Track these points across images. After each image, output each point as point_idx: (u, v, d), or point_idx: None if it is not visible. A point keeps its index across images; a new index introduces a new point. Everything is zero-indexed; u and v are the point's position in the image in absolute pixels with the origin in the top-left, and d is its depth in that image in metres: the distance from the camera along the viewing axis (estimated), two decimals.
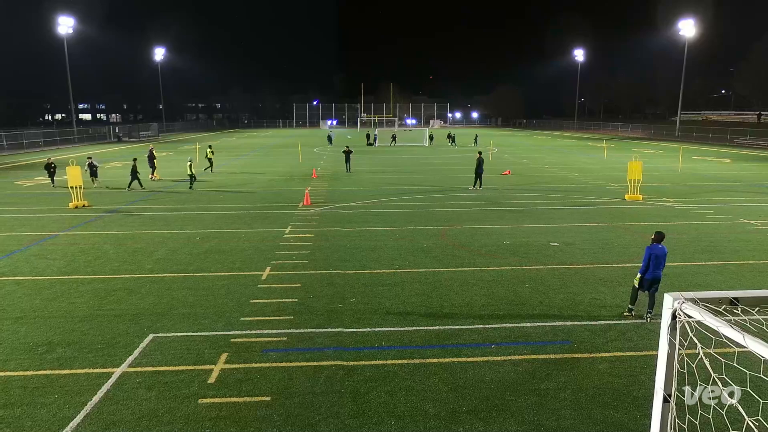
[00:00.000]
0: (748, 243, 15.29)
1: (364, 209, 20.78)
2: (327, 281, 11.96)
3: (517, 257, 13.88)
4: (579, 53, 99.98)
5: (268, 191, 25.67)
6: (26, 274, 12.56)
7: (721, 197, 23.29)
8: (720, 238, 15.92)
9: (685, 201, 22.23)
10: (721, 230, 16.91)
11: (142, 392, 7.29)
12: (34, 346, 8.68)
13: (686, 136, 70.32)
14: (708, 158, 43.06)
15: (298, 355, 8.39)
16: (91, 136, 69.26)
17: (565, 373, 7.81)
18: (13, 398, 7.16)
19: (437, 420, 6.68)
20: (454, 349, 8.61)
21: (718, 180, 29.28)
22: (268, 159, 43.98)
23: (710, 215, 19.24)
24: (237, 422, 6.61)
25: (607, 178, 30.05)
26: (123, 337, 9.03)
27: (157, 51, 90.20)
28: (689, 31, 68.06)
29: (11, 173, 33.37)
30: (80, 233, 16.79)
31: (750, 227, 17.30)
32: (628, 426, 6.55)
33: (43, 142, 58.51)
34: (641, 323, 9.55)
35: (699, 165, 37.60)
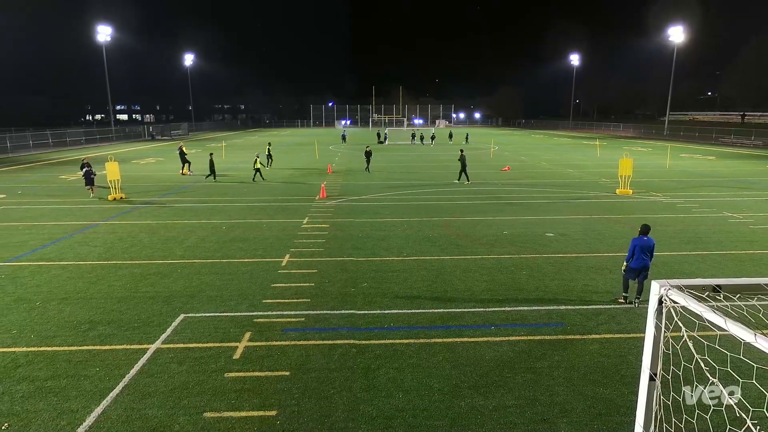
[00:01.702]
0: (730, 234, 15.09)
1: (376, 202, 20.77)
2: (341, 267, 12.00)
3: (515, 246, 13.82)
4: (575, 58, 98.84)
5: (288, 185, 25.73)
6: (70, 259, 12.73)
7: (706, 192, 22.98)
8: (704, 229, 15.72)
9: (672, 195, 21.96)
10: (706, 223, 16.69)
11: (174, 366, 7.39)
12: (77, 324, 8.82)
13: (674, 135, 69.29)
14: (694, 156, 42.44)
15: (315, 334, 8.44)
16: (127, 134, 69.79)
17: (558, 353, 7.79)
18: (59, 370, 7.29)
19: (441, 394, 6.70)
20: (457, 330, 8.62)
21: (703, 176, 28.87)
22: (288, 156, 44.03)
23: (695, 209, 19.00)
24: (259, 394, 6.68)
25: (599, 174, 29.75)
26: (157, 316, 9.15)
27: (186, 57, 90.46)
28: (678, 37, 66.89)
29: (56, 168, 33.78)
30: (118, 223, 16.98)
31: (732, 220, 17.06)
32: (616, 402, 6.53)
33: (85, 140, 59.08)
34: (630, 308, 9.48)
35: (686, 162, 37.07)
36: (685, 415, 3.77)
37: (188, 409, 6.35)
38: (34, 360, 7.58)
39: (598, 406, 6.43)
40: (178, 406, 6.40)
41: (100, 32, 61.97)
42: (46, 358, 7.65)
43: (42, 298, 10.05)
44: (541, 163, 36.81)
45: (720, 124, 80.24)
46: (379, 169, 32.15)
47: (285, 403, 6.47)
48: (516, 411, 6.32)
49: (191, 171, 30.35)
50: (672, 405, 3.61)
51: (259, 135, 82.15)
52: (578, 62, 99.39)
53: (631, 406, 6.21)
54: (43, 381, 7.00)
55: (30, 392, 6.73)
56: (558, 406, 6.44)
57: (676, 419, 3.73)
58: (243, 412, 6.27)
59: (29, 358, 7.65)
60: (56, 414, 6.26)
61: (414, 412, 6.32)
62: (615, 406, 6.43)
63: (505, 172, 31.10)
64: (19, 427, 6.02)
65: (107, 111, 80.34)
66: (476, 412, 6.32)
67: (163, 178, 28.35)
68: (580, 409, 6.36)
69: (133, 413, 6.27)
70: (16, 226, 16.25)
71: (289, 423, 6.08)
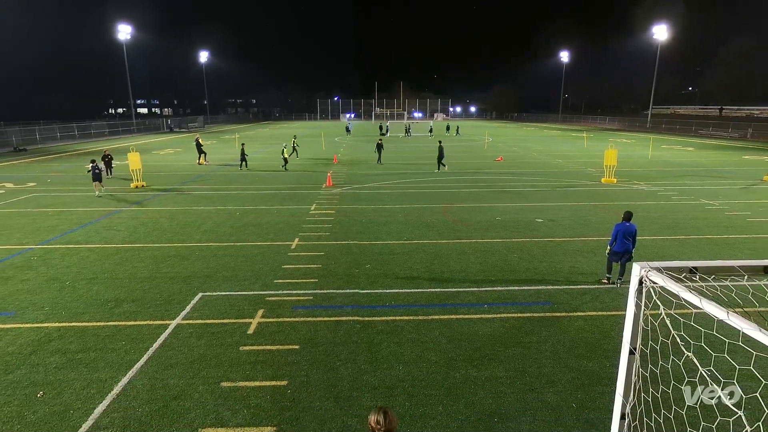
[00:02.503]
0: (706, 220, 15.05)
1: (378, 190, 20.73)
2: (346, 250, 12.03)
3: (507, 231, 13.81)
4: (564, 55, 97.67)
5: (297, 174, 25.68)
6: (97, 242, 12.79)
7: (685, 181, 22.86)
8: (683, 216, 15.67)
9: (653, 184, 21.86)
10: (684, 209, 16.64)
11: (194, 340, 7.46)
12: (104, 302, 8.89)
13: (656, 128, 68.73)
14: (674, 147, 42.13)
15: (322, 311, 8.50)
16: (147, 127, 69.52)
17: (546, 329, 7.83)
18: (88, 344, 7.37)
19: (438, 366, 6.76)
20: (453, 308, 8.65)
21: (683, 166, 28.69)
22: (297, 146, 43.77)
23: (675, 196, 18.93)
24: (272, 366, 6.75)
25: (586, 164, 29.59)
26: (177, 295, 9.21)
27: (201, 54, 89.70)
28: (662, 35, 65.96)
29: (83, 158, 33.74)
30: (140, 209, 17.01)
31: (709, 207, 17.00)
32: (599, 373, 6.58)
33: (108, 132, 58.92)
34: (612, 288, 9.51)
35: (666, 153, 36.81)
36: (661, 386, 3.80)
37: (207, 379, 6.43)
38: (65, 334, 7.67)
39: (581, 377, 6.49)
40: (197, 376, 6.48)
41: (120, 31, 61.41)
42: (77, 332, 7.74)
43: (72, 278, 10.12)
44: (532, 154, 36.60)
45: (699, 117, 79.49)
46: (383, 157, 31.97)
47: (295, 374, 6.54)
48: (506, 381, 6.38)
49: (207, 161, 30.29)
50: (649, 377, 3.64)
51: (270, 128, 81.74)
52: (567, 59, 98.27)
53: (612, 377, 6.26)
54: (74, 353, 7.08)
55: (62, 364, 6.82)
56: (545, 377, 6.49)
57: (653, 389, 3.77)
58: (257, 382, 6.34)
59: (61, 332, 7.74)
60: (86, 383, 6.35)
61: (413, 382, 6.38)
62: (597, 377, 6.48)
63: (498, 162, 30.94)
64: (53, 395, 6.11)
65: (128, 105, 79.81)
66: (470, 382, 6.38)
67: (180, 168, 28.31)
68: (565, 380, 6.42)
69: (157, 382, 6.35)
70: (46, 212, 16.29)
71: (298, 392, 6.15)
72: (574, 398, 6.04)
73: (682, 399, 3.96)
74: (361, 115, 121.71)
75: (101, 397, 6.04)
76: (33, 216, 15.77)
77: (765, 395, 5.38)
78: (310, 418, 5.66)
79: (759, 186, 21.39)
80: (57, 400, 5.98)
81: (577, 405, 5.90)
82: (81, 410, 5.79)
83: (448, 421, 5.61)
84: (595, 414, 5.71)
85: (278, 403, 5.93)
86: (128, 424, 5.55)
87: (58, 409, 5.81)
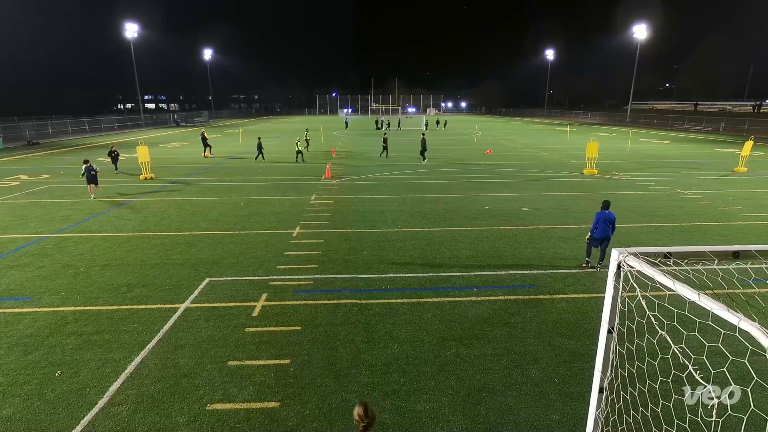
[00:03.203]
0: (681, 209, 15.15)
1: (374, 181, 20.68)
2: (344, 238, 12.03)
3: (495, 219, 13.85)
4: (550, 53, 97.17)
5: (297, 166, 25.55)
6: (109, 231, 12.72)
7: (662, 172, 22.95)
8: (659, 204, 15.77)
9: (632, 175, 21.93)
10: (660, 198, 16.73)
11: (202, 323, 7.48)
12: (117, 287, 8.87)
13: (635, 122, 68.77)
14: (652, 140, 42.21)
15: (322, 294, 8.52)
16: (155, 121, 68.80)
17: (530, 310, 7.90)
18: (103, 326, 7.37)
19: (430, 345, 6.82)
20: (444, 291, 8.70)
21: (660, 158, 28.78)
22: None
23: (652, 186, 19.01)
24: (275, 346, 6.78)
25: (569, 156, 29.62)
26: (185, 280, 9.20)
27: (206, 51, 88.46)
28: (642, 34, 65.65)
29: (94, 152, 33.38)
30: (149, 199, 16.90)
31: (683, 196, 17.10)
32: (579, 351, 6.66)
33: (117, 126, 58.27)
34: (593, 272, 9.58)
35: (644, 146, 36.89)
36: (637, 362, 3.86)
37: (214, 358, 6.45)
38: (80, 318, 7.66)
39: (563, 355, 6.56)
40: (205, 356, 6.50)
41: (128, 29, 60.37)
42: (91, 316, 7.73)
43: (85, 264, 10.08)
44: (518, 146, 36.57)
45: (676, 112, 79.63)
46: (375, 152, 31.91)
47: (297, 353, 6.58)
48: (494, 359, 6.45)
49: (212, 154, 30.05)
50: (626, 353, 3.69)
51: (272, 122, 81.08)
52: (553, 57, 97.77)
53: (592, 354, 6.35)
54: (89, 335, 7.08)
55: (78, 345, 6.82)
56: (530, 354, 6.57)
57: (629, 365, 3.83)
58: (261, 361, 6.38)
59: (76, 316, 7.73)
60: (101, 363, 6.36)
61: (407, 360, 6.44)
62: (578, 355, 6.56)
63: (487, 155, 30.91)
64: (71, 373, 6.12)
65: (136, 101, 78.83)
66: (460, 360, 6.44)
67: (187, 160, 28.09)
68: (548, 357, 6.49)
69: (168, 362, 6.38)
70: (60, 203, 16.16)
71: (300, 369, 6.20)
72: (557, 374, 6.12)
73: (655, 373, 4.03)
74: (358, 110, 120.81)
75: (116, 375, 6.06)
76: (47, 206, 15.63)
77: (731, 370, 5.47)
78: (311, 393, 5.70)
79: (730, 177, 21.51)
80: (74, 379, 6.00)
81: (559, 380, 5.98)
82: (97, 388, 5.82)
83: (439, 395, 5.67)
84: (576, 388, 5.80)
85: (282, 380, 5.97)
86: (141, 400, 5.58)
87: (76, 387, 5.83)
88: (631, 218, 13.87)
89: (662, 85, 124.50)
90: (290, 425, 5.17)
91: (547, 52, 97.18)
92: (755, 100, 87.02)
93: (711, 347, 3.36)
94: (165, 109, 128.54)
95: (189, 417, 5.29)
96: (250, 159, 28.44)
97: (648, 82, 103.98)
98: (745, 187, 18.86)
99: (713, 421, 4.65)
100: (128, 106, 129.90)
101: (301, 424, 5.18)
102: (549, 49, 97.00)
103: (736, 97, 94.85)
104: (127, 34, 60.48)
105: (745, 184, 19.57)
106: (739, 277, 7.66)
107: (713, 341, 2.96)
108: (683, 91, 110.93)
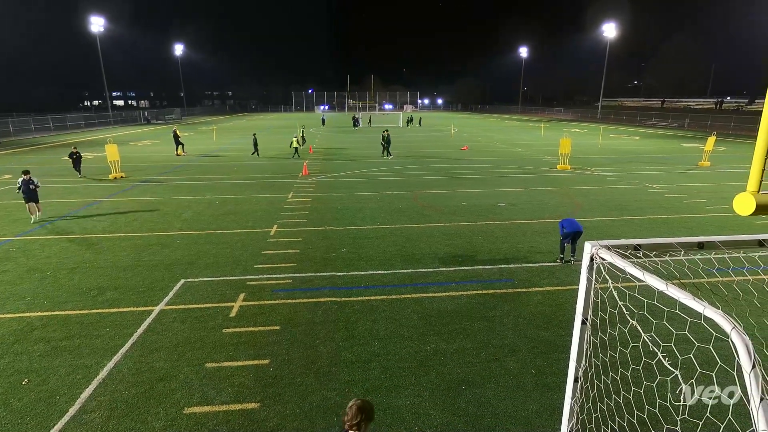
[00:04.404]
0: (649, 202, 15.67)
1: (352, 178, 20.62)
2: (322, 236, 11.96)
3: (472, 215, 14.02)
4: (524, 51, 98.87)
5: (274, 164, 25.21)
6: (77, 232, 12.26)
7: (631, 166, 23.69)
8: (628, 198, 16.27)
9: (603, 170, 22.56)
10: (630, 192, 17.27)
11: (177, 325, 7.31)
12: (87, 291, 8.58)
13: (606, 118, 70.70)
14: (622, 136, 43.49)
15: (301, 293, 8.46)
16: (124, 119, 66.58)
17: (508, 304, 8.04)
18: (72, 331, 7.11)
19: (410, 341, 6.86)
20: (423, 287, 8.76)
21: (629, 153, 29.69)
22: (273, 137, 42.95)
23: (622, 181, 19.61)
24: (254, 346, 6.70)
25: (543, 152, 30.21)
26: (159, 282, 8.97)
27: (178, 47, 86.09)
28: (611, 33, 67.49)
29: (59, 150, 32.08)
30: (120, 199, 16.37)
31: (651, 190, 17.70)
32: (555, 342, 6.83)
33: (84, 124, 56.11)
34: (567, 265, 9.82)
35: (615, 141, 37.98)
36: (609, 351, 3.99)
37: (191, 360, 6.32)
38: (48, 323, 7.37)
39: (540, 346, 6.71)
40: (182, 359, 6.36)
41: (93, 23, 58.12)
42: (60, 321, 7.45)
43: (52, 267, 9.70)
44: (494, 143, 37.07)
45: (644, 108, 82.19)
46: (354, 149, 31.80)
47: (276, 353, 6.51)
48: (473, 353, 6.54)
49: (185, 152, 29.34)
50: (599, 343, 3.81)
51: (247, 119, 79.68)
52: (527, 55, 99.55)
53: (567, 345, 6.52)
54: (57, 341, 6.83)
55: (46, 351, 6.56)
56: (507, 347, 6.69)
57: (603, 354, 3.95)
58: (240, 362, 6.29)
59: (43, 321, 7.43)
60: (72, 369, 6.14)
61: (387, 356, 6.46)
62: (554, 346, 6.72)
63: (463, 151, 31.22)
64: (38, 381, 5.89)
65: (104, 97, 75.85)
66: (440, 354, 6.50)
67: (159, 159, 27.33)
68: (525, 349, 6.63)
69: (143, 366, 6.21)
70: (23, 204, 15.45)
71: (280, 369, 6.14)
72: (534, 365, 6.25)
73: (626, 362, 4.16)
74: (335, 107, 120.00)
75: (87, 382, 5.87)
76: (10, 208, 14.95)
77: (697, 356, 5.71)
78: (291, 393, 5.66)
79: (694, 171, 22.40)
80: (42, 387, 5.77)
81: (536, 371, 6.12)
82: (67, 395, 5.62)
83: (420, 390, 5.72)
84: (552, 378, 5.94)
85: (261, 380, 5.90)
86: (115, 406, 5.42)
87: (44, 395, 5.61)
88: (602, 212, 14.27)
89: (631, 82, 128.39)
90: (271, 426, 5.12)
91: (522, 49, 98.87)
92: (717, 98, 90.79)
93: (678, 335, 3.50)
94: (135, 106, 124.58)
95: (166, 421, 5.18)
96: (224, 157, 27.90)
97: (617, 80, 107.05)
98: (708, 180, 19.67)
99: (681, 405, 4.85)
100: (95, 103, 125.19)
101: (282, 424, 5.14)
102: (523, 46, 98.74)
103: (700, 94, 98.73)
104: (93, 29, 58.27)
105: (709, 177, 20.41)
106: (703, 267, 8.00)
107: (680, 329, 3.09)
108: (650, 88, 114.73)
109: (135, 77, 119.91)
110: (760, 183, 2.45)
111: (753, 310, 6.08)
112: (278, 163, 25.30)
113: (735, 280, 7.22)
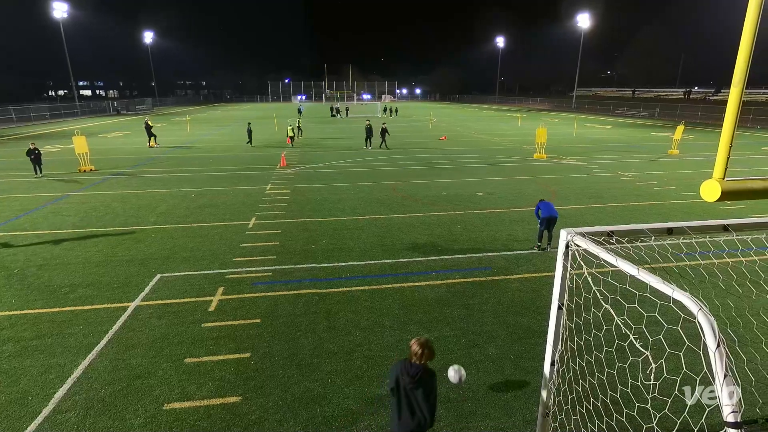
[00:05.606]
0: (622, 190, 16.12)
1: (331, 169, 20.47)
2: (302, 227, 11.87)
3: (451, 205, 14.14)
4: (500, 41, 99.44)
5: (250, 155, 24.77)
6: (45, 228, 11.82)
7: (604, 155, 24.26)
8: (602, 186, 16.69)
9: (577, 158, 23.04)
10: (603, 180, 17.71)
11: (154, 321, 7.17)
12: (57, 288, 8.30)
13: (580, 108, 72.02)
14: (596, 125, 44.43)
15: (281, 285, 8.40)
16: (92, 109, 63.97)
17: (487, 291, 8.18)
18: (43, 330, 6.89)
19: (392, 330, 6.92)
20: (404, 276, 8.82)
21: (602, 142, 30.38)
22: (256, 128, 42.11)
23: (596, 169, 20.08)
24: (234, 340, 6.64)
25: (520, 141, 30.61)
26: (134, 277, 8.76)
27: (147, 34, 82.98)
28: (585, 23, 68.50)
29: (21, 143, 30.66)
30: (90, 193, 15.83)
31: (624, 178, 18.20)
32: (532, 328, 7.00)
33: (49, 115, 53.69)
34: (543, 252, 10.04)
35: (589, 130, 38.78)
36: (584, 334, 4.12)
37: (170, 356, 6.22)
38: (17, 323, 7.11)
39: (518, 332, 6.87)
40: (160, 355, 6.25)
41: (56, 8, 55.40)
42: (29, 320, 7.20)
43: (19, 265, 9.33)
44: (472, 133, 37.34)
45: (616, 98, 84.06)
46: (333, 139, 31.50)
47: (258, 346, 6.47)
48: (453, 340, 6.65)
49: (158, 144, 28.51)
50: (574, 327, 3.92)
51: (222, 110, 77.84)
52: (503, 45, 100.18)
53: (544, 330, 6.68)
54: (28, 341, 6.60)
55: (16, 352, 6.34)
56: (486, 334, 6.82)
57: (578, 338, 4.08)
58: (220, 356, 6.22)
59: (12, 321, 7.17)
60: (44, 369, 5.96)
61: (369, 346, 6.50)
62: (531, 331, 6.89)
63: (442, 141, 31.34)
64: (9, 383, 5.69)
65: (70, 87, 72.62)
66: None
67: (130, 151, 26.48)
68: (504, 335, 6.78)
69: (119, 363, 6.08)
70: None
71: (262, 362, 6.11)
72: (512, 350, 6.40)
73: (600, 345, 4.31)
74: (312, 97, 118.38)
75: (61, 381, 5.71)
76: None
77: (666, 337, 5.96)
78: (273, 385, 5.65)
79: (664, 159, 23.12)
80: (13, 388, 5.59)
81: (514, 356, 6.27)
82: (40, 396, 5.45)
83: None
84: (530, 363, 6.10)
85: (242, 374, 5.86)
86: (91, 405, 5.30)
87: (16, 397, 5.44)
88: (577, 200, 14.60)
89: (603, 72, 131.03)
90: (253, 418, 5.11)
91: (498, 39, 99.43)
92: (686, 87, 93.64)
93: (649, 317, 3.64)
94: (103, 96, 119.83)
95: (145, 418, 5.09)
96: (200, 148, 27.24)
97: (591, 70, 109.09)
98: (677, 168, 20.34)
99: (651, 384, 5.06)
100: (60, 93, 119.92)
101: (264, 417, 5.13)
102: (500, 36, 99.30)
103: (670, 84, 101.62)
104: (55, 14, 55.56)
105: (677, 165, 21.11)
106: (672, 251, 8.31)
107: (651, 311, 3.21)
108: (622, 78, 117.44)
109: (103, 66, 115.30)
110: (725, 170, 2.55)
111: (718, 292, 6.36)
112: (255, 155, 24.87)
113: (701, 264, 7.54)
